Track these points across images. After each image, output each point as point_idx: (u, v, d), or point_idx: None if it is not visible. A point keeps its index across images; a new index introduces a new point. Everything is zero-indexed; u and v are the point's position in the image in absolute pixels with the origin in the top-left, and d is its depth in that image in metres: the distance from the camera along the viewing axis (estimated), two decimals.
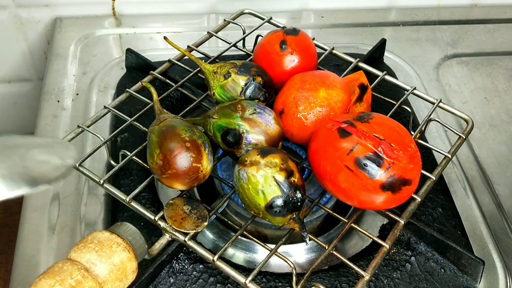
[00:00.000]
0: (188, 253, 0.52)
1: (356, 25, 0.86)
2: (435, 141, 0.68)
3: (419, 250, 0.55)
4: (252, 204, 0.47)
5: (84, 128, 0.55)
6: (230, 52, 0.65)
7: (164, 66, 0.63)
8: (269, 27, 0.66)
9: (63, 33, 0.80)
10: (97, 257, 0.42)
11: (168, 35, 0.79)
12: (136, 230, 0.46)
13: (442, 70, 0.79)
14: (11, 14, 0.81)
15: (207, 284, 0.51)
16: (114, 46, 0.79)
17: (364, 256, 0.54)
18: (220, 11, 0.86)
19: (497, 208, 0.62)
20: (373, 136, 0.46)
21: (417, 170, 0.47)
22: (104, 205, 0.58)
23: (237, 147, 0.50)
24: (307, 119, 0.51)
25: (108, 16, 0.83)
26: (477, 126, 0.70)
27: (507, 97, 0.76)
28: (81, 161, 0.52)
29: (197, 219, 0.49)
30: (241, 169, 0.47)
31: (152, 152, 0.49)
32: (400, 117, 0.66)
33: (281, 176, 0.46)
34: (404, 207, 0.51)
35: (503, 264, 0.56)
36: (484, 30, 0.87)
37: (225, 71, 0.55)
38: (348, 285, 0.51)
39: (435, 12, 0.89)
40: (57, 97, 0.70)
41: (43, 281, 0.39)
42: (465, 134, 0.57)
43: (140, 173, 0.59)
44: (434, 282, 0.53)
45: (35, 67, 0.89)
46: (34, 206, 0.58)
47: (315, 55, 0.60)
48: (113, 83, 0.72)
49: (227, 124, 0.50)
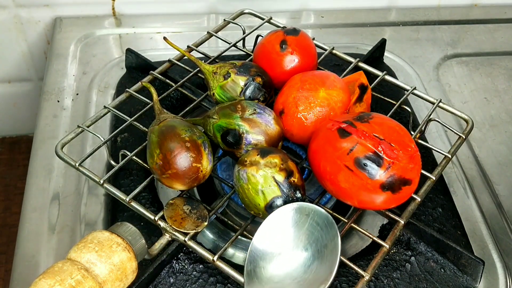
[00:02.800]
0: (188, 253, 0.52)
1: (356, 25, 0.86)
2: (435, 141, 0.68)
3: (419, 250, 0.55)
4: (252, 204, 0.47)
5: (84, 128, 0.55)
6: (230, 52, 0.65)
7: (164, 66, 0.63)
8: (269, 27, 0.67)
9: (63, 33, 0.80)
10: (97, 257, 0.42)
11: (168, 35, 0.79)
12: (136, 230, 0.46)
13: (442, 70, 0.79)
14: (11, 14, 0.81)
15: (207, 284, 0.51)
16: (114, 46, 0.79)
17: (364, 256, 0.54)
18: (220, 11, 0.86)
19: (497, 208, 0.62)
20: (373, 136, 0.46)
21: (417, 170, 0.47)
22: (104, 205, 0.58)
23: (237, 147, 0.50)
24: (307, 119, 0.51)
25: (108, 16, 0.83)
26: (477, 126, 0.70)
27: (507, 97, 0.76)
28: (81, 161, 0.52)
29: (197, 219, 0.49)
30: (241, 169, 0.47)
31: (152, 152, 0.49)
32: (400, 117, 0.66)
33: (280, 176, 0.46)
34: (404, 207, 0.51)
35: (503, 264, 0.56)
36: (484, 30, 0.87)
37: (224, 72, 0.55)
38: (348, 285, 0.51)
39: (435, 12, 0.89)
40: (57, 97, 0.70)
41: (43, 281, 0.39)
42: (465, 134, 0.57)
43: (140, 173, 0.59)
44: (434, 282, 0.53)
45: (35, 67, 0.89)
46: (34, 206, 0.58)
47: (315, 55, 0.60)
48: (113, 83, 0.72)
49: (227, 125, 0.50)
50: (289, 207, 0.45)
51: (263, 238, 0.45)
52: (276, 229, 0.45)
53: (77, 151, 0.63)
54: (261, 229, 0.45)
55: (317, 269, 0.44)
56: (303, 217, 0.45)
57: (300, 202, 0.46)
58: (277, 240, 0.45)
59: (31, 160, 0.62)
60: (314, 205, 0.46)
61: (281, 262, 0.45)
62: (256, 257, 0.44)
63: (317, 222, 0.45)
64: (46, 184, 0.60)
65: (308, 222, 0.45)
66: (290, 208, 0.46)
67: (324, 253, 0.44)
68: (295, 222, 0.46)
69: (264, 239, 0.45)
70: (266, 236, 0.45)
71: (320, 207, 0.46)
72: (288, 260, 0.45)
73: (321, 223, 0.45)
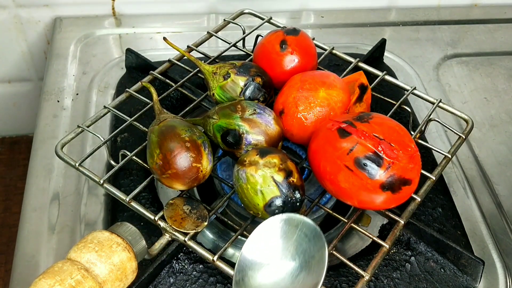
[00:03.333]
0: (188, 253, 0.52)
1: (356, 25, 0.86)
2: (435, 141, 0.68)
3: (419, 250, 0.55)
4: (251, 204, 0.47)
5: (84, 128, 0.55)
6: (230, 52, 0.65)
7: (164, 66, 0.63)
8: (269, 27, 0.66)
9: (63, 33, 0.80)
10: (97, 257, 0.42)
11: (168, 35, 0.79)
12: (136, 230, 0.46)
13: (442, 70, 0.79)
14: (11, 14, 0.81)
15: (207, 284, 0.51)
16: (114, 46, 0.79)
17: (364, 256, 0.54)
18: (220, 11, 0.86)
19: (497, 208, 0.62)
20: (373, 136, 0.46)
21: (417, 170, 0.47)
22: (104, 205, 0.58)
23: (237, 147, 0.50)
24: (307, 119, 0.51)
25: (108, 16, 0.83)
26: (477, 126, 0.70)
27: (507, 97, 0.76)
28: (81, 161, 0.52)
29: (197, 219, 0.49)
30: (240, 169, 0.47)
31: (152, 152, 0.49)
32: (400, 117, 0.66)
33: (279, 176, 0.46)
34: (404, 207, 0.51)
35: (503, 264, 0.56)
36: (484, 30, 0.87)
37: (224, 72, 0.55)
38: (348, 285, 0.51)
39: (435, 12, 0.89)
40: (57, 97, 0.70)
41: (43, 281, 0.39)
42: (465, 134, 0.57)
43: (140, 173, 0.59)
44: (434, 282, 0.53)
45: (35, 67, 0.89)
46: (34, 206, 0.58)
47: (315, 55, 0.60)
48: (113, 83, 0.72)
49: (227, 125, 0.50)
50: (277, 218, 0.46)
51: (252, 248, 0.45)
52: (265, 239, 0.46)
53: (77, 151, 0.63)
54: (250, 239, 0.45)
55: (304, 279, 0.45)
56: (292, 228, 0.46)
57: (289, 213, 0.46)
58: (266, 250, 0.46)
59: (31, 160, 0.62)
60: (302, 217, 0.46)
61: (269, 272, 0.45)
62: (245, 267, 0.45)
63: (305, 234, 0.45)
64: (46, 184, 0.60)
65: (296, 234, 0.46)
66: (279, 219, 0.46)
67: (311, 264, 0.45)
68: (284, 232, 0.46)
69: (253, 249, 0.45)
70: (255, 246, 0.45)
71: (308, 220, 0.46)
72: (276, 270, 0.45)
73: (309, 235, 0.45)
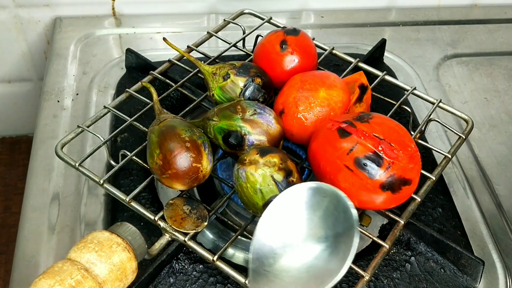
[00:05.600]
0: (188, 253, 0.52)
1: (356, 25, 0.86)
2: (435, 141, 0.68)
3: (419, 250, 0.55)
4: (250, 203, 0.47)
5: (84, 128, 0.55)
6: (230, 52, 0.65)
7: (164, 66, 0.63)
8: (269, 27, 0.66)
9: (63, 33, 0.80)
10: (97, 257, 0.42)
11: (168, 35, 0.79)
12: (136, 230, 0.46)
13: (442, 70, 0.79)
14: (11, 14, 0.81)
15: (207, 284, 0.51)
16: (114, 46, 0.79)
17: (364, 256, 0.54)
18: (220, 11, 0.86)
19: (497, 208, 0.62)
20: (373, 136, 0.46)
21: (417, 170, 0.47)
22: (104, 205, 0.58)
23: (239, 148, 0.50)
24: (307, 119, 0.51)
25: (108, 16, 0.83)
26: (477, 126, 0.70)
27: (507, 97, 0.76)
28: (81, 161, 0.52)
29: (197, 219, 0.49)
30: (240, 168, 0.47)
31: (152, 152, 0.49)
32: (400, 117, 0.66)
33: (279, 176, 0.46)
34: (404, 207, 0.51)
35: (503, 264, 0.56)
36: (484, 30, 0.87)
37: (224, 72, 0.55)
38: (348, 285, 0.51)
39: (435, 12, 0.89)
40: (57, 97, 0.70)
41: (43, 281, 0.39)
42: (465, 134, 0.58)
43: (140, 173, 0.59)
44: (434, 282, 0.53)
45: (35, 67, 0.89)
46: (34, 206, 0.58)
47: (315, 55, 0.60)
48: (113, 83, 0.72)
49: (228, 126, 0.50)
50: (304, 186, 0.41)
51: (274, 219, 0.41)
52: (287, 210, 0.41)
53: (77, 151, 0.63)
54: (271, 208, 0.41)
55: (329, 257, 0.41)
56: (320, 198, 0.41)
57: (319, 182, 0.42)
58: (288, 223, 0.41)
59: (31, 160, 0.62)
60: (335, 189, 0.41)
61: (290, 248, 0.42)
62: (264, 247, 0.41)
63: (336, 207, 0.41)
64: (46, 184, 0.60)
65: (325, 206, 0.41)
66: (306, 187, 0.41)
67: (338, 242, 0.41)
68: (310, 204, 0.41)
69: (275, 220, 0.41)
70: (276, 217, 0.41)
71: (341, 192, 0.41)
72: (299, 245, 0.42)
73: (339, 210, 0.41)
